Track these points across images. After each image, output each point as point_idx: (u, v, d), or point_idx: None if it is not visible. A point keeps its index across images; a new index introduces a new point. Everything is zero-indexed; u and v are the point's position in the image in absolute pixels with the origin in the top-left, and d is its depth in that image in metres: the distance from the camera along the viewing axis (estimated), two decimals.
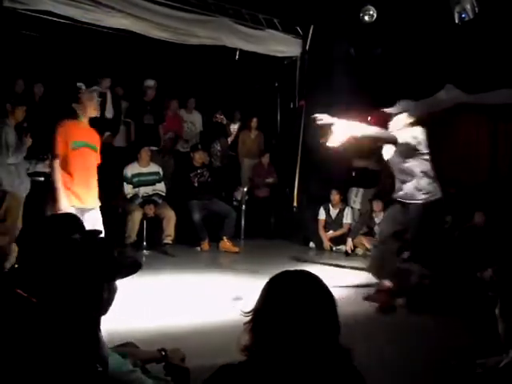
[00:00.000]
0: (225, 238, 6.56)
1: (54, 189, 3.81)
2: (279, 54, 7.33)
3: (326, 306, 1.26)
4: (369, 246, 6.75)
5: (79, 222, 1.80)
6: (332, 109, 7.49)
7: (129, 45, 6.56)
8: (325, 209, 7.15)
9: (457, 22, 5.83)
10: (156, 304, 4.07)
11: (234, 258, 6.17)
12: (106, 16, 5.60)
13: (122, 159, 6.60)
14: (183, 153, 7.51)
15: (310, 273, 1.34)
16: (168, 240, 6.19)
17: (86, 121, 4.03)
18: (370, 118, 8.41)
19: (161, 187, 6.57)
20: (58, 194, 3.78)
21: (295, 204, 7.50)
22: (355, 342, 1.37)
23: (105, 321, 1.67)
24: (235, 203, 7.35)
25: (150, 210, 6.23)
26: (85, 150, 4.03)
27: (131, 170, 6.41)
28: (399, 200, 4.27)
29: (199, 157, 6.80)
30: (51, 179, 3.91)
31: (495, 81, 6.14)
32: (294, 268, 1.38)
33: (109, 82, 6.82)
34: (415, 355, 3.23)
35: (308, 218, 7.27)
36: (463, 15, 5.76)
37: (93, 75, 6.42)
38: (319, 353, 1.21)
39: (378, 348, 3.41)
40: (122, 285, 1.80)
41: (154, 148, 6.93)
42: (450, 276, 5.11)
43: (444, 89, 6.80)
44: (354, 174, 7.35)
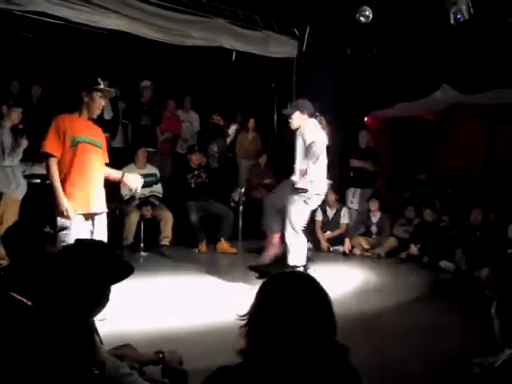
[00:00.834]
0: (222, 239, 6.55)
1: (52, 190, 3.38)
2: (276, 55, 7.33)
3: (321, 307, 1.26)
4: (366, 246, 6.77)
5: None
6: (329, 109, 7.56)
7: (124, 46, 6.55)
8: (322, 209, 7.16)
9: (452, 22, 5.85)
10: (153, 306, 4.06)
11: (232, 259, 6.17)
12: (102, 17, 5.59)
13: (119, 160, 6.59)
14: (180, 154, 7.50)
15: (304, 273, 1.33)
16: (165, 241, 6.18)
17: (87, 118, 3.66)
18: (366, 119, 8.47)
19: (158, 189, 6.57)
20: (57, 195, 3.34)
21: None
22: (354, 343, 1.37)
23: (102, 323, 1.67)
24: (232, 204, 7.34)
25: (148, 212, 6.23)
26: (88, 147, 3.54)
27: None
28: None
29: (196, 158, 6.79)
30: (49, 181, 3.46)
31: (491, 81, 6.15)
32: (292, 270, 1.38)
33: (107, 85, 6.80)
34: (415, 355, 3.23)
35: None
36: (459, 16, 5.77)
37: (90, 76, 6.40)
38: (315, 353, 1.21)
39: (378, 348, 3.41)
40: (119, 287, 1.80)
41: (151, 149, 6.92)
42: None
43: (440, 89, 6.82)
44: (351, 175, 7.35)
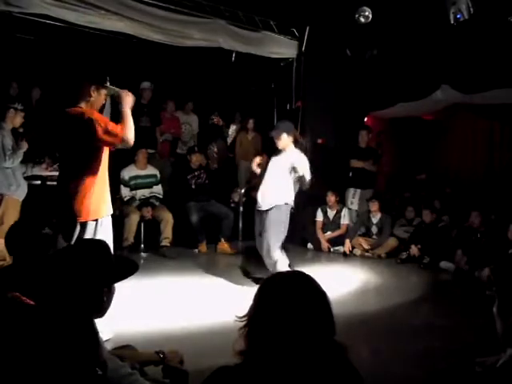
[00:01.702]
0: (222, 239, 6.56)
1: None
2: (275, 56, 7.33)
3: (320, 306, 1.26)
4: (366, 246, 6.77)
5: None
6: (328, 110, 7.57)
7: (124, 47, 6.54)
8: (322, 210, 7.16)
9: (452, 22, 5.84)
10: (154, 306, 4.06)
11: (232, 260, 6.16)
12: (102, 19, 5.58)
13: (119, 162, 6.59)
14: (180, 155, 7.50)
15: (303, 273, 1.33)
16: (166, 242, 6.18)
17: None
18: (366, 119, 8.48)
19: (158, 189, 6.57)
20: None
21: (292, 205, 7.48)
22: (354, 343, 1.37)
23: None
24: (233, 205, 7.35)
25: (148, 213, 6.23)
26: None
27: (128, 172, 6.40)
28: None
29: (196, 159, 6.80)
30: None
31: (491, 81, 6.15)
32: (291, 270, 1.37)
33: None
34: (416, 355, 3.23)
35: (306, 220, 7.27)
36: (458, 16, 5.77)
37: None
38: (315, 352, 1.20)
39: (377, 348, 3.41)
40: (119, 287, 1.80)
41: (151, 151, 6.92)
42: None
43: (440, 89, 6.82)
44: (351, 175, 7.35)
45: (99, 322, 1.61)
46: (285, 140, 4.72)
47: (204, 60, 7.10)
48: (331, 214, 7.14)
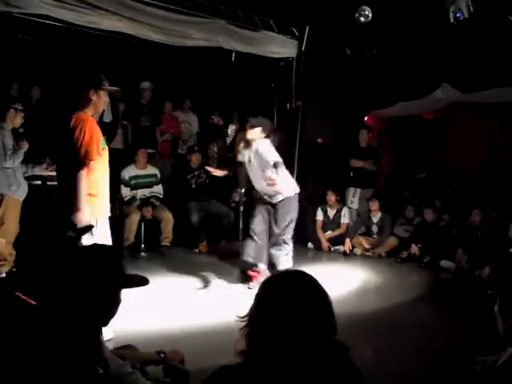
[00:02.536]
0: (223, 239, 6.56)
1: (78, 199, 3.02)
2: (275, 55, 7.33)
3: (321, 305, 1.26)
4: (367, 246, 6.77)
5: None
6: (328, 109, 7.57)
7: (124, 47, 6.54)
8: (322, 209, 7.16)
9: (452, 21, 5.84)
10: (154, 306, 4.07)
11: (232, 260, 6.16)
12: (101, 19, 5.58)
13: (119, 161, 6.59)
14: (180, 155, 7.50)
15: (303, 272, 1.33)
16: (166, 242, 6.19)
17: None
18: (366, 118, 8.47)
19: (158, 189, 6.58)
20: (81, 207, 3.00)
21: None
22: (355, 342, 1.37)
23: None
24: (233, 205, 7.34)
25: (148, 213, 6.23)
26: (104, 150, 3.39)
27: (128, 172, 6.41)
28: None
29: (196, 158, 6.80)
30: (78, 188, 3.04)
31: (491, 80, 6.15)
32: (292, 269, 1.38)
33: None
34: (416, 354, 3.23)
35: (306, 219, 7.27)
36: (458, 14, 5.77)
37: (95, 74, 6.41)
38: (316, 352, 1.21)
39: (377, 348, 3.41)
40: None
41: (151, 151, 6.92)
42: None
43: (440, 88, 6.81)
44: (351, 174, 7.35)
45: None
46: (256, 133, 4.76)
47: (204, 60, 7.10)
48: (331, 213, 7.14)
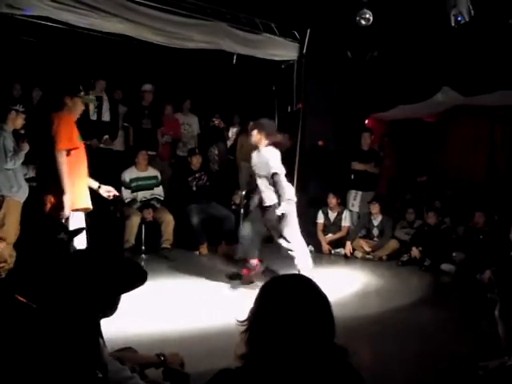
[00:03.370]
0: (223, 241, 6.55)
1: (59, 185, 3.60)
2: (276, 58, 7.33)
3: (320, 310, 1.25)
4: (367, 248, 6.77)
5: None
6: (329, 112, 7.57)
7: (125, 49, 6.56)
8: (323, 212, 7.16)
9: (453, 24, 5.85)
10: (154, 308, 4.06)
11: (233, 262, 6.16)
12: (103, 21, 5.59)
13: (120, 164, 6.60)
14: (181, 157, 7.50)
15: (304, 276, 1.33)
16: (166, 244, 6.18)
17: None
18: (366, 122, 8.47)
19: (159, 191, 6.57)
20: (66, 189, 3.59)
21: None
22: (355, 345, 1.37)
23: (103, 326, 1.66)
24: (233, 207, 7.34)
25: (149, 215, 6.23)
26: (82, 144, 4.00)
27: (129, 174, 6.40)
28: None
29: (197, 161, 6.80)
30: (58, 174, 3.67)
31: (492, 83, 6.15)
32: (292, 272, 1.37)
33: (104, 84, 6.80)
34: (417, 358, 3.23)
35: (307, 222, 7.26)
36: (459, 18, 5.77)
37: (90, 80, 6.43)
38: (316, 356, 1.20)
39: (378, 351, 3.40)
40: None
41: (152, 153, 6.92)
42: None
43: (441, 91, 6.82)
44: (352, 177, 7.35)
45: None
46: (255, 136, 4.80)
47: (205, 62, 7.10)
48: (332, 216, 7.14)
